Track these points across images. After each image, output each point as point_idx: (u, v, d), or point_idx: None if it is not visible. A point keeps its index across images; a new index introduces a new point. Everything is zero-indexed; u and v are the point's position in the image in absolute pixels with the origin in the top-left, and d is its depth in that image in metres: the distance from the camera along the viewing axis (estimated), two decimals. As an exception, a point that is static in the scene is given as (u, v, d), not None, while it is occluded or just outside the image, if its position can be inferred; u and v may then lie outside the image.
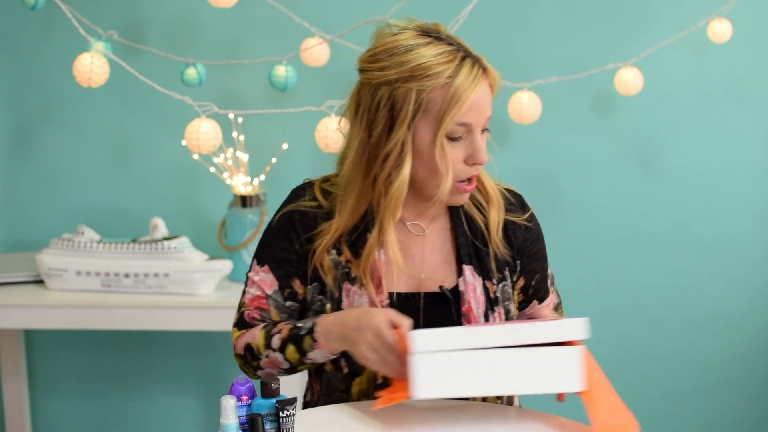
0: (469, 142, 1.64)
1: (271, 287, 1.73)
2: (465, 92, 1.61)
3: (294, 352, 1.64)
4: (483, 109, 1.64)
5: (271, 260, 1.73)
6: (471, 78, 1.62)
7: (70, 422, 3.12)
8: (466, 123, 1.63)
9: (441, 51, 1.63)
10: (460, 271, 1.71)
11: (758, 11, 2.82)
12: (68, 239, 2.65)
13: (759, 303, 2.99)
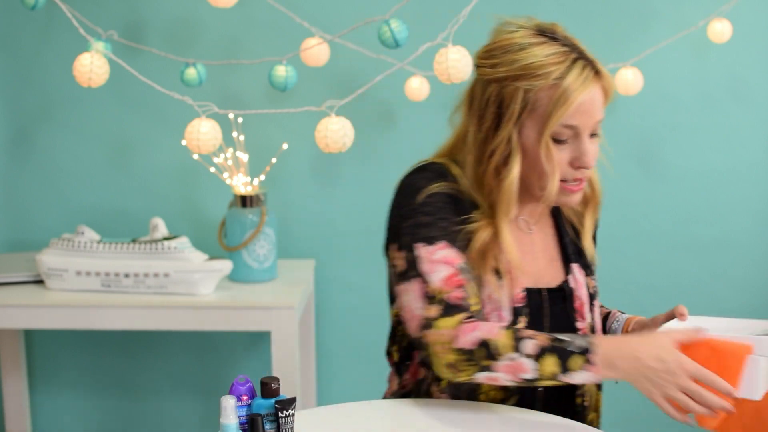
0: (576, 144, 1.64)
1: (458, 260, 1.61)
2: (572, 94, 1.59)
3: (553, 366, 1.50)
4: (591, 113, 1.62)
5: (444, 236, 1.62)
6: (580, 80, 1.60)
7: (70, 422, 3.12)
8: (573, 125, 1.62)
9: (553, 51, 1.61)
10: (567, 269, 1.75)
11: (758, 11, 2.82)
12: (68, 239, 2.65)
13: (759, 303, 2.99)
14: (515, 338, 1.52)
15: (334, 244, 2.97)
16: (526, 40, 1.64)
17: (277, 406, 1.43)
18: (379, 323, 3.03)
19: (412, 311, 1.60)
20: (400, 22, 2.43)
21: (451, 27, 2.41)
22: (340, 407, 1.63)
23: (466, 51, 2.41)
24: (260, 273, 2.72)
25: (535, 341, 1.51)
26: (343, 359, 3.05)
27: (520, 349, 1.51)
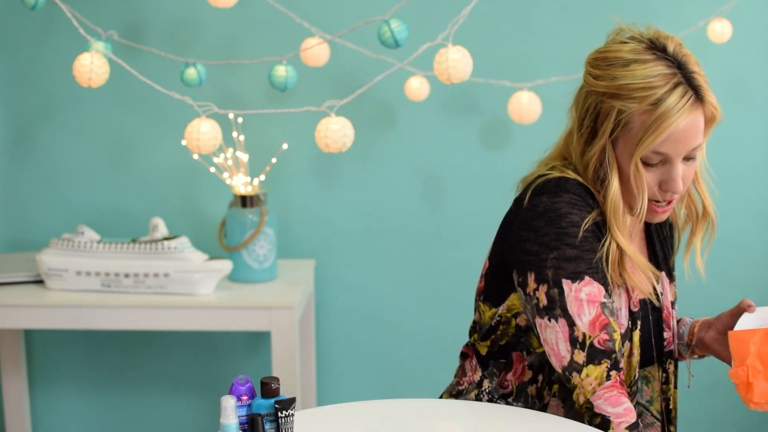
0: (666, 168, 1.63)
1: (601, 295, 1.61)
2: (664, 123, 1.57)
3: None
4: (685, 141, 1.60)
5: (588, 269, 1.61)
6: (676, 109, 1.58)
7: (70, 422, 3.12)
8: (663, 152, 1.60)
9: (656, 73, 1.59)
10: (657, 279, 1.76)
11: (758, 11, 2.82)
12: (68, 239, 2.65)
13: (759, 303, 2.98)
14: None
15: (334, 244, 2.98)
16: (632, 56, 1.62)
17: (277, 406, 1.43)
18: (380, 323, 3.03)
19: (557, 351, 1.61)
20: (400, 22, 2.43)
21: (451, 27, 2.41)
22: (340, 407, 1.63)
23: (466, 51, 2.41)
24: (260, 273, 2.72)
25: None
26: (343, 359, 3.05)
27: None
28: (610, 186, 1.63)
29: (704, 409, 3.03)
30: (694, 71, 1.62)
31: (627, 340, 1.67)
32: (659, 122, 1.57)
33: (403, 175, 2.93)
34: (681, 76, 1.60)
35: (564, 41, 2.85)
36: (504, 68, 2.82)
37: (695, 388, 3.02)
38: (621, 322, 1.66)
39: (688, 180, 1.66)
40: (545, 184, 1.67)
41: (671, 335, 1.77)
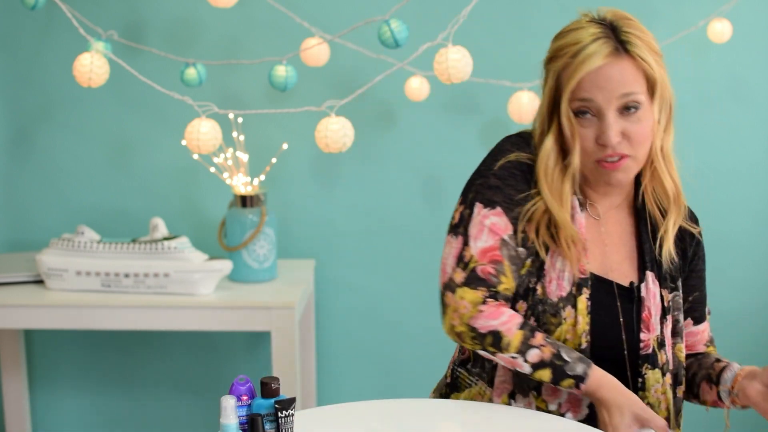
0: (600, 121, 1.64)
1: (506, 231, 1.65)
2: (580, 65, 1.62)
3: (547, 378, 1.61)
4: (608, 86, 1.62)
5: (504, 201, 1.67)
6: (591, 51, 1.62)
7: (70, 422, 3.12)
8: (587, 98, 1.63)
9: (584, 33, 1.65)
10: (642, 276, 1.72)
11: (758, 11, 2.82)
12: (68, 239, 2.65)
13: (759, 303, 2.99)
14: (524, 343, 1.61)
15: (334, 244, 2.98)
16: (573, 26, 1.69)
17: (277, 406, 1.43)
18: (380, 323, 3.03)
19: (444, 267, 1.67)
20: (400, 22, 2.43)
21: (451, 27, 2.41)
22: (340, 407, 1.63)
23: (466, 51, 2.41)
24: (260, 273, 2.72)
25: (540, 353, 1.60)
26: (343, 359, 3.05)
27: (524, 354, 1.61)
28: (543, 146, 1.68)
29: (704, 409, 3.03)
30: (626, 32, 1.66)
31: (570, 305, 1.65)
32: (576, 64, 1.62)
33: (403, 175, 2.93)
34: (610, 34, 1.65)
35: (564, 41, 2.85)
36: (504, 68, 2.82)
37: (695, 388, 3.03)
38: (562, 284, 1.66)
39: (636, 139, 1.65)
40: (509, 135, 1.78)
41: (651, 339, 1.70)
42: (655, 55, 1.68)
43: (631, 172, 1.68)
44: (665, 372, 1.72)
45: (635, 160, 1.67)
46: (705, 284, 1.86)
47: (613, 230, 1.75)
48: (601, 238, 1.73)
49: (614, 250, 1.74)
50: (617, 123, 1.63)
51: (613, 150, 1.63)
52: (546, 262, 1.67)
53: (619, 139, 1.63)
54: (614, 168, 1.65)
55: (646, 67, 1.65)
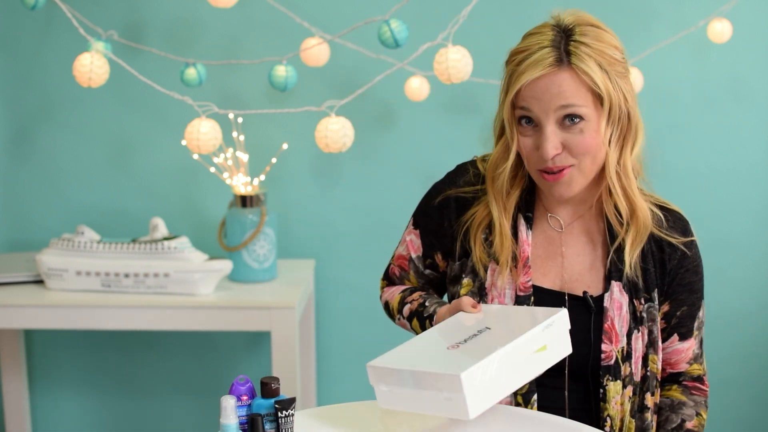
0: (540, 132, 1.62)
1: (416, 252, 1.84)
2: (519, 75, 1.61)
3: (418, 327, 1.77)
4: (545, 98, 1.59)
5: (423, 227, 1.83)
6: (532, 63, 1.59)
7: (70, 422, 3.12)
8: (526, 108, 1.62)
9: (536, 39, 1.62)
10: (608, 286, 1.69)
11: (758, 11, 2.82)
12: (68, 239, 2.65)
13: (759, 303, 2.99)
14: (401, 302, 1.83)
15: (334, 244, 2.98)
16: (534, 29, 1.66)
17: (276, 406, 1.43)
18: (379, 323, 3.03)
19: None
20: (400, 22, 2.43)
21: (451, 27, 2.41)
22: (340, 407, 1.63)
23: (466, 51, 2.41)
24: (260, 273, 2.72)
25: (410, 306, 1.80)
26: (343, 359, 3.04)
27: (401, 311, 1.82)
28: (494, 151, 1.71)
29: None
30: (577, 41, 1.61)
31: None
32: (516, 76, 1.61)
33: (403, 175, 2.93)
34: (560, 42, 1.61)
35: (564, 41, 2.85)
36: (504, 68, 2.82)
37: (695, 388, 3.03)
38: (504, 301, 1.68)
39: (577, 150, 1.61)
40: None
41: (613, 350, 1.66)
42: (612, 66, 1.61)
43: (576, 184, 1.64)
44: (626, 384, 1.68)
45: (580, 170, 1.63)
46: (699, 297, 1.75)
47: (576, 241, 1.73)
48: (559, 250, 1.72)
49: (576, 261, 1.72)
50: (556, 135, 1.60)
51: (553, 163, 1.61)
52: (487, 281, 1.70)
53: (557, 152, 1.60)
54: (555, 180, 1.63)
55: (589, 81, 1.59)
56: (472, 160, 1.83)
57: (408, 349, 1.50)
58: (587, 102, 1.60)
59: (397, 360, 1.45)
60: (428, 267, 1.84)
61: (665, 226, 1.73)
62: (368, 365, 1.45)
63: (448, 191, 1.79)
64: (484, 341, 1.47)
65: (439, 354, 1.45)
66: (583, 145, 1.60)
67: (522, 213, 1.72)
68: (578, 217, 1.74)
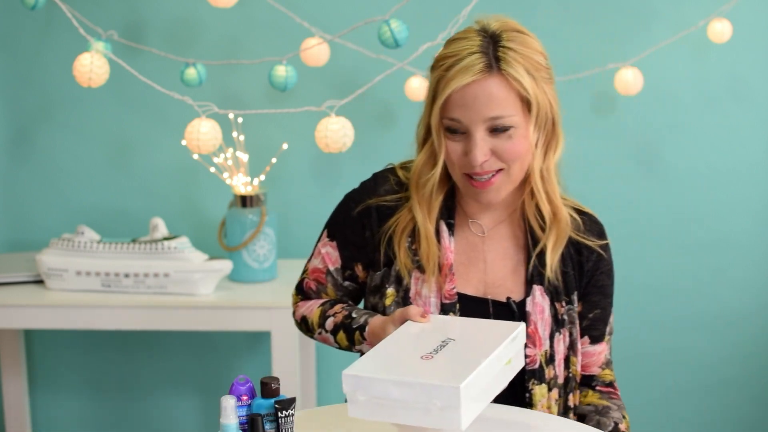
0: (468, 139, 1.61)
1: (334, 264, 1.79)
2: (448, 83, 1.59)
3: (344, 340, 1.71)
4: (475, 107, 1.58)
5: (341, 239, 1.78)
6: (460, 70, 1.58)
7: (70, 422, 3.12)
8: (455, 118, 1.60)
9: (463, 45, 1.60)
10: (529, 290, 1.69)
11: (758, 11, 2.82)
12: (68, 239, 2.65)
13: (759, 303, 2.99)
14: (322, 316, 1.76)
15: (334, 244, 2.97)
16: (460, 35, 1.63)
17: (277, 406, 1.43)
18: (379, 323, 3.03)
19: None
20: (400, 22, 2.43)
21: (451, 27, 2.41)
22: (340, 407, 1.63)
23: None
24: (260, 273, 2.72)
25: (334, 319, 1.73)
26: (343, 359, 3.04)
27: (324, 326, 1.75)
28: (419, 157, 1.70)
29: (704, 409, 3.03)
30: (505, 47, 1.59)
31: None
32: (445, 83, 1.59)
33: (403, 175, 2.93)
34: (488, 48, 1.59)
35: (564, 41, 2.85)
36: (504, 68, 2.82)
37: (695, 388, 3.03)
38: (429, 310, 1.67)
39: (507, 156, 1.61)
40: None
41: (538, 354, 1.67)
42: (538, 72, 1.61)
43: (504, 190, 1.65)
44: (552, 387, 1.69)
45: (508, 175, 1.63)
46: (610, 302, 1.76)
47: (498, 246, 1.73)
48: (482, 256, 1.72)
49: (499, 266, 1.72)
50: (486, 142, 1.60)
51: (482, 168, 1.61)
52: (411, 290, 1.69)
53: (485, 159, 1.60)
54: (483, 187, 1.63)
55: (519, 87, 1.59)
56: (390, 168, 1.82)
57: (379, 357, 1.46)
58: (516, 109, 1.60)
59: (377, 369, 1.41)
60: (347, 279, 1.79)
61: (582, 230, 1.73)
62: (345, 373, 1.40)
63: (368, 201, 1.76)
64: (457, 352, 1.44)
65: (416, 364, 1.41)
66: (512, 151, 1.61)
67: (444, 220, 1.72)
68: (500, 222, 1.74)
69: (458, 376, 1.34)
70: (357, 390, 1.40)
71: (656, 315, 2.98)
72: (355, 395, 1.40)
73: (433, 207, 1.70)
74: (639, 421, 3.03)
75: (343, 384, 1.41)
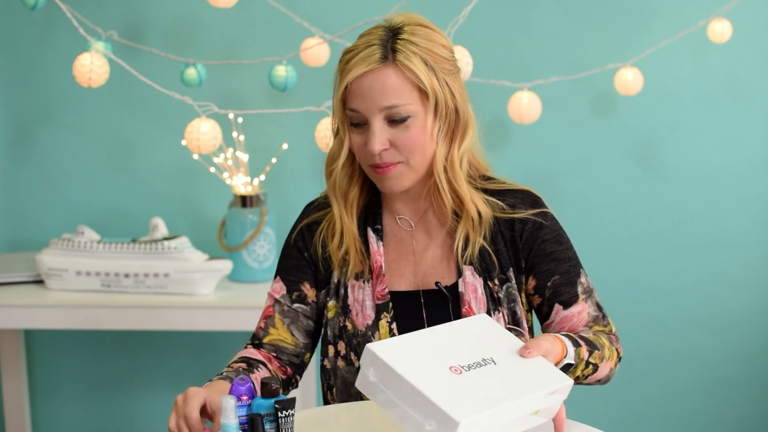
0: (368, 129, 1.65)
1: (280, 292, 1.78)
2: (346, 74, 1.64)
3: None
4: (370, 96, 1.62)
5: (282, 270, 1.80)
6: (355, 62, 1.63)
7: (70, 422, 3.12)
8: (353, 108, 1.64)
9: (366, 39, 1.66)
10: (460, 272, 1.70)
11: (758, 11, 2.82)
12: (68, 239, 2.65)
13: (759, 303, 2.99)
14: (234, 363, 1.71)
15: (334, 244, 2.97)
16: (367, 31, 1.68)
17: (277, 406, 1.43)
18: (379, 323, 3.03)
19: None
20: (400, 22, 2.42)
21: (450, 27, 2.41)
22: (340, 407, 1.63)
23: (466, 51, 2.41)
24: (260, 273, 2.72)
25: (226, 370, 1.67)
26: (343, 359, 3.04)
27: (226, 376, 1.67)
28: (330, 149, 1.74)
29: (704, 409, 3.03)
30: (404, 39, 1.64)
31: (377, 331, 1.69)
32: (344, 74, 1.64)
33: (403, 175, 2.93)
34: (387, 41, 1.64)
35: (564, 41, 2.85)
36: (504, 68, 2.82)
37: (695, 388, 3.03)
38: (366, 313, 1.70)
39: (404, 146, 1.63)
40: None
41: None
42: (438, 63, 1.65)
43: (406, 179, 1.67)
44: None
45: (408, 166, 1.66)
46: (570, 266, 1.72)
47: (425, 236, 1.75)
48: (411, 249, 1.75)
49: (428, 255, 1.74)
50: (384, 131, 1.63)
51: (381, 159, 1.64)
52: (349, 297, 1.72)
53: (383, 148, 1.63)
54: (383, 173, 1.66)
55: (413, 77, 1.62)
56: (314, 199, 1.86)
57: (412, 347, 1.41)
58: (413, 98, 1.63)
59: (399, 358, 1.36)
60: (296, 301, 1.77)
61: (509, 208, 1.72)
62: (368, 346, 1.37)
63: (299, 225, 1.81)
64: (487, 380, 1.37)
65: (439, 373, 1.36)
66: (409, 140, 1.64)
67: (370, 226, 1.75)
68: (423, 212, 1.76)
69: (467, 410, 1.28)
70: (371, 367, 1.37)
71: (656, 315, 2.98)
72: (367, 370, 1.38)
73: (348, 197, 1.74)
74: (639, 421, 3.03)
75: (363, 354, 1.38)
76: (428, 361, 1.39)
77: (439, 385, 1.33)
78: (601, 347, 1.63)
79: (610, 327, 1.75)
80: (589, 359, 1.60)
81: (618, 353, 1.70)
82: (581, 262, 1.75)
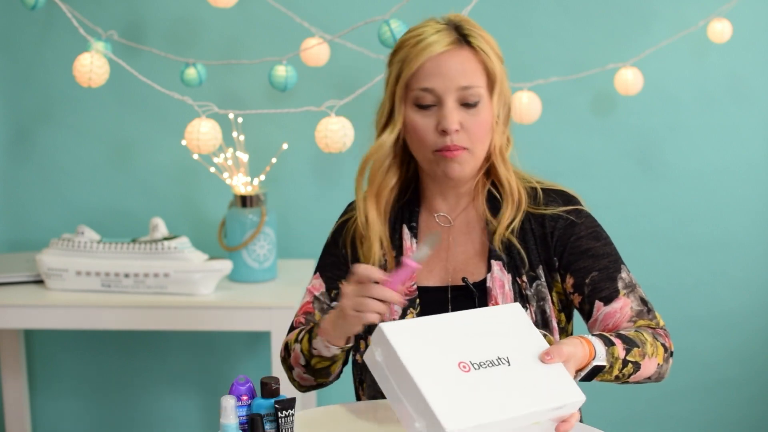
0: (440, 110, 1.65)
1: (319, 290, 1.80)
2: (421, 52, 1.64)
3: (306, 342, 1.68)
4: (448, 75, 1.64)
5: (321, 267, 1.82)
6: (432, 40, 1.64)
7: (70, 422, 3.12)
8: (427, 87, 1.65)
9: (425, 29, 1.68)
10: (489, 267, 1.71)
11: (758, 11, 2.83)
12: (68, 239, 2.65)
13: (759, 303, 2.99)
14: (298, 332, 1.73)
15: (334, 244, 2.97)
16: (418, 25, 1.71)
17: (277, 406, 1.43)
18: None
19: None
20: (400, 22, 2.43)
21: (451, 27, 2.41)
22: (341, 407, 1.63)
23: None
24: (260, 273, 2.72)
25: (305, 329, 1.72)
26: (343, 359, 3.04)
27: (297, 339, 1.72)
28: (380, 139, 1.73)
29: (704, 409, 3.03)
30: (469, 28, 1.68)
31: None
32: (418, 51, 1.65)
33: (403, 175, 2.93)
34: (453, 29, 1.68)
35: (564, 41, 2.85)
36: (504, 68, 2.82)
37: (695, 388, 3.03)
38: (394, 309, 1.70)
39: (473, 132, 1.65)
40: None
41: None
42: (496, 55, 1.69)
43: (468, 166, 1.69)
44: None
45: (472, 154, 1.68)
46: (609, 261, 1.71)
47: (460, 232, 1.76)
48: (444, 246, 1.75)
49: (461, 251, 1.75)
50: (457, 112, 1.65)
51: (452, 141, 1.64)
52: None
53: (457, 127, 1.64)
54: (453, 157, 1.66)
55: (487, 59, 1.66)
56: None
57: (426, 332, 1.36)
58: (483, 83, 1.67)
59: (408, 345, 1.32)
60: (335, 299, 1.78)
61: (542, 202, 1.74)
62: (381, 326, 1.34)
63: (337, 222, 1.85)
64: (495, 383, 1.33)
65: (445, 368, 1.31)
66: (479, 124, 1.66)
67: (406, 224, 1.76)
68: (462, 209, 1.77)
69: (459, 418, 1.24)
70: (379, 347, 1.35)
71: (656, 315, 2.98)
72: (375, 348, 1.36)
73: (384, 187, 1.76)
74: (639, 421, 3.03)
75: (374, 332, 1.36)
76: (438, 351, 1.34)
77: (441, 382, 1.29)
78: (642, 344, 1.60)
79: (657, 321, 1.72)
80: (627, 357, 1.56)
81: (666, 348, 1.67)
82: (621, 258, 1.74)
